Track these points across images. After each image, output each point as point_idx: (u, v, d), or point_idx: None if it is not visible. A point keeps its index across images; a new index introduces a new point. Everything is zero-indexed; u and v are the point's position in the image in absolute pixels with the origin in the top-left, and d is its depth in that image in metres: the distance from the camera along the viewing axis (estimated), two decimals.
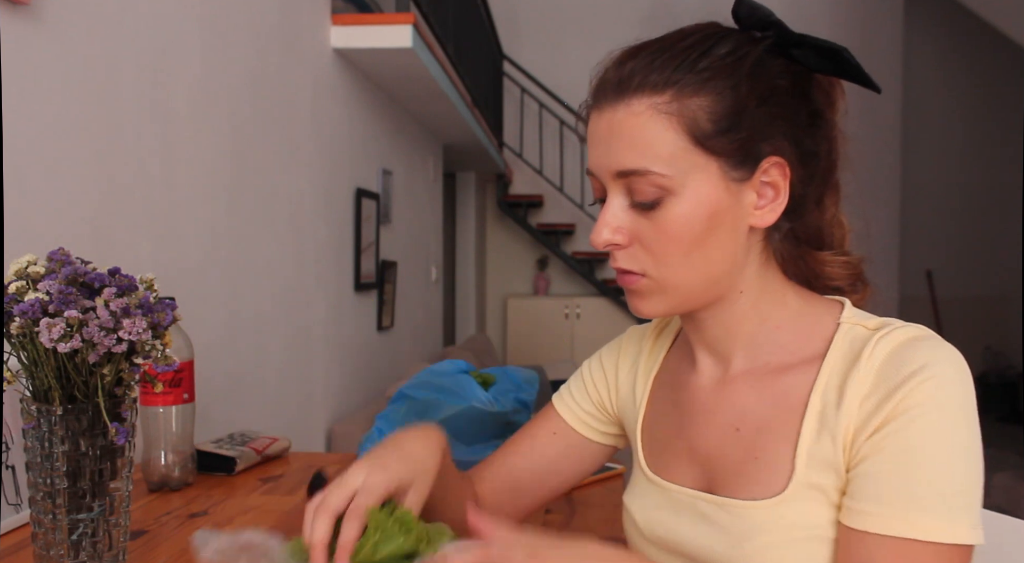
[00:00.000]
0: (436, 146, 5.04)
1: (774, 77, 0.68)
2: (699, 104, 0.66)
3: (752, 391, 0.74)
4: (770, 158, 0.68)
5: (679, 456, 0.78)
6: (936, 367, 0.64)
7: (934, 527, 0.61)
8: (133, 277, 0.85)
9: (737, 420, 0.74)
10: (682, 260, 0.69)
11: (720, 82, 0.67)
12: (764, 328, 0.74)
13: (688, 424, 0.78)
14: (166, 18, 1.75)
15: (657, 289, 0.71)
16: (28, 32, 1.31)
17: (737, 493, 0.71)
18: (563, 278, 7.45)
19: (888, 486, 0.63)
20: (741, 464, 0.72)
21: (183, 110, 1.83)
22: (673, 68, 0.67)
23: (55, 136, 1.39)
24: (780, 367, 0.72)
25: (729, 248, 0.70)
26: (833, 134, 0.73)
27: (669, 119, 0.66)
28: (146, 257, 1.68)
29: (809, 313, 0.73)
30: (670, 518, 0.76)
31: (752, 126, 0.67)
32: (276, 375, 2.44)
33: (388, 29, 2.93)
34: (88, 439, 0.81)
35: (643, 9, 7.20)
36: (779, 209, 0.70)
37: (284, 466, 1.33)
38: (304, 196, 2.67)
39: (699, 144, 0.67)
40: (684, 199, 0.67)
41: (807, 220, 0.74)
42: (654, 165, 0.67)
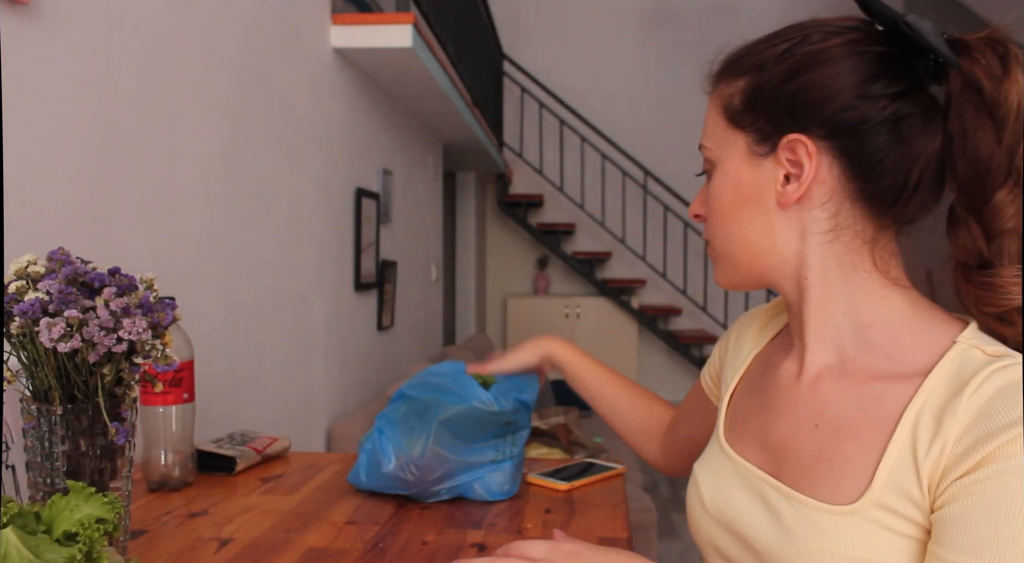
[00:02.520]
0: (436, 146, 5.04)
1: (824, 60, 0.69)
2: (736, 85, 0.74)
3: (838, 389, 0.72)
4: (792, 134, 0.70)
5: (753, 436, 0.79)
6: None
7: None
8: (133, 277, 0.85)
9: (816, 416, 0.72)
10: (720, 229, 0.77)
11: (756, 65, 0.73)
12: (849, 323, 0.72)
13: (769, 408, 0.78)
14: (166, 18, 1.75)
15: (716, 258, 0.79)
16: (28, 32, 1.31)
17: (803, 489, 0.70)
18: (563, 278, 7.45)
19: (977, 535, 0.60)
20: (812, 461, 0.71)
21: (183, 110, 1.83)
22: (737, 59, 0.75)
23: (55, 136, 1.39)
24: (876, 373, 0.70)
25: (760, 223, 0.74)
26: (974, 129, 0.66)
27: (718, 98, 0.76)
28: (146, 257, 1.68)
29: (919, 322, 0.70)
30: (734, 494, 0.77)
31: (776, 102, 0.71)
32: (276, 375, 2.44)
33: (388, 29, 2.93)
34: (88, 439, 0.81)
35: (643, 9, 7.20)
36: (803, 187, 0.70)
37: (284, 466, 1.33)
38: (304, 196, 2.67)
39: (730, 120, 0.75)
40: (720, 171, 0.76)
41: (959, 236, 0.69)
42: (706, 140, 0.78)
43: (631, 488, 2.69)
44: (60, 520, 0.65)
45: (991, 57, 0.66)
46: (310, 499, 1.15)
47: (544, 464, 1.32)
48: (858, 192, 0.70)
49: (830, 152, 0.70)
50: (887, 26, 0.70)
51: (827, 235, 0.72)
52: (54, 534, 0.65)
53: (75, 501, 0.66)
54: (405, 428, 1.10)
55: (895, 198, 0.70)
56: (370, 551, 0.95)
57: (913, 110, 0.69)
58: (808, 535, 0.67)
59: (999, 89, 0.65)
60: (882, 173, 0.69)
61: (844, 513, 0.66)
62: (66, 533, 0.65)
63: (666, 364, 7.23)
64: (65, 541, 0.65)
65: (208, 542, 0.98)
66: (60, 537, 0.65)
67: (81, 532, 0.64)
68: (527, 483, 1.22)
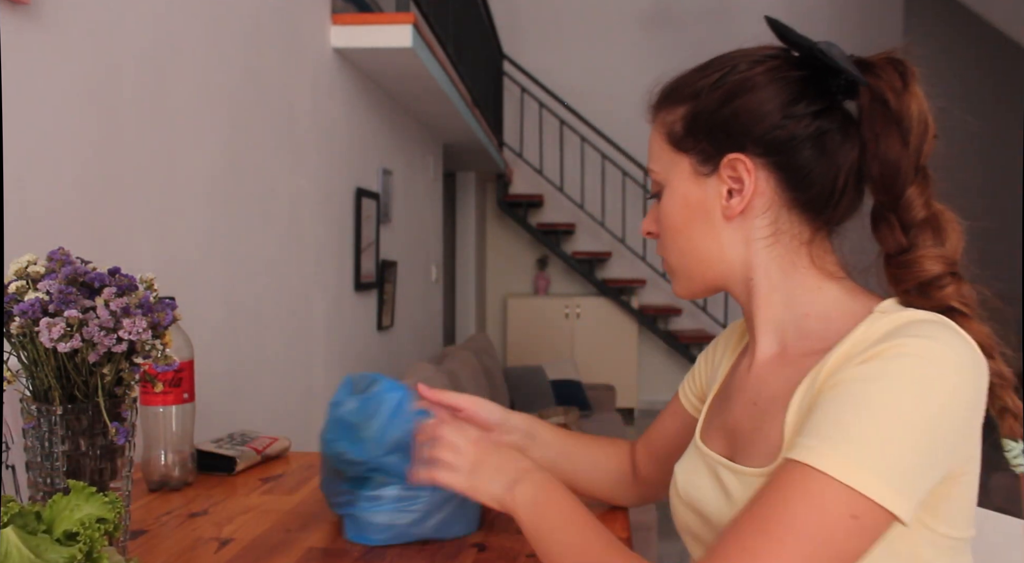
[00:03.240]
0: (436, 146, 5.04)
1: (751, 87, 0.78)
2: (677, 113, 0.82)
3: (775, 370, 0.80)
4: (731, 154, 0.78)
5: (718, 428, 0.87)
6: (926, 341, 0.66)
7: (835, 462, 0.63)
8: (133, 277, 0.85)
9: (755, 395, 0.82)
10: (672, 244, 0.84)
11: (692, 94, 0.81)
12: (789, 314, 0.80)
13: (728, 400, 0.87)
14: (166, 18, 1.76)
15: (672, 272, 0.87)
16: (28, 32, 1.31)
17: (746, 462, 0.78)
18: (563, 278, 7.45)
19: (818, 424, 0.66)
20: (751, 434, 0.80)
21: (183, 110, 1.83)
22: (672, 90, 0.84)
23: (55, 136, 1.39)
24: (807, 352, 0.77)
25: (708, 236, 0.81)
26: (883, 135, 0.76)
27: (660, 126, 0.85)
28: (146, 257, 1.68)
29: (846, 305, 0.78)
30: (699, 479, 0.84)
31: (713, 127, 0.79)
32: (276, 375, 2.44)
33: (388, 29, 2.93)
34: (88, 439, 0.81)
35: (643, 9, 7.20)
36: (745, 201, 0.78)
37: (284, 466, 1.33)
38: (304, 196, 2.67)
39: (673, 145, 0.83)
40: (668, 191, 0.84)
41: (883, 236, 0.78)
42: (652, 164, 0.86)
43: None
44: (61, 520, 0.65)
45: (892, 74, 0.76)
46: (310, 499, 1.15)
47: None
48: (793, 200, 0.78)
49: (766, 167, 0.78)
50: (802, 52, 0.78)
51: (768, 240, 0.80)
52: (54, 534, 0.65)
53: (76, 501, 0.66)
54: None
55: (825, 203, 0.79)
56: (370, 551, 0.95)
57: (832, 125, 0.77)
58: (745, 498, 0.73)
59: (902, 101, 0.75)
60: (812, 182, 0.77)
61: (768, 472, 0.73)
62: (67, 533, 0.65)
63: (666, 364, 7.23)
64: (66, 541, 0.65)
65: (208, 542, 0.98)
66: (61, 537, 0.65)
67: (82, 532, 0.64)
68: None
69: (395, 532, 0.95)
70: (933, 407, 0.64)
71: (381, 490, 0.95)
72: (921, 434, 0.64)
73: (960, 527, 0.72)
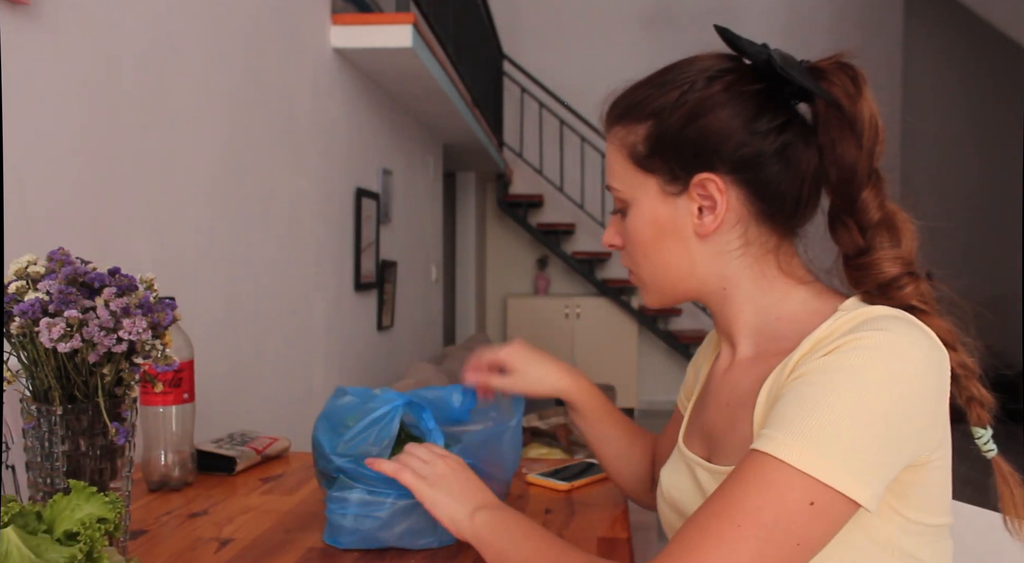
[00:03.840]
0: (436, 146, 5.04)
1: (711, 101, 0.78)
2: (638, 132, 0.82)
3: (747, 372, 0.82)
4: (702, 173, 0.79)
5: (698, 430, 0.89)
6: (885, 333, 0.68)
7: (793, 451, 0.64)
8: (133, 277, 0.85)
9: (728, 396, 0.84)
10: (643, 261, 0.85)
11: (653, 113, 0.81)
12: (762, 319, 0.82)
13: (704, 403, 0.90)
14: (166, 18, 1.76)
15: (641, 284, 0.88)
16: (28, 32, 1.31)
17: (721, 461, 0.81)
18: (563, 278, 7.45)
19: (780, 414, 0.68)
20: (724, 434, 0.82)
21: (183, 110, 1.83)
22: (629, 106, 0.84)
23: (55, 136, 1.39)
24: (776, 352, 0.79)
25: (680, 252, 0.82)
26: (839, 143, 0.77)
27: (620, 147, 0.84)
28: (146, 257, 1.68)
29: (813, 305, 0.80)
30: (680, 480, 0.87)
31: (678, 147, 0.79)
32: (276, 375, 2.44)
33: (388, 29, 2.93)
34: (88, 439, 0.81)
35: (643, 9, 7.20)
36: (719, 218, 0.79)
37: (284, 466, 1.33)
38: (304, 196, 2.67)
39: (638, 165, 0.82)
40: (635, 210, 0.84)
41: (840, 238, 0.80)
42: (614, 182, 0.86)
43: None
44: (61, 519, 0.65)
45: (844, 79, 0.77)
46: (310, 499, 1.15)
47: (544, 464, 1.33)
48: (761, 213, 0.80)
49: (735, 184, 0.79)
50: (755, 62, 0.79)
51: (739, 251, 0.81)
52: (55, 533, 0.65)
53: (76, 500, 0.67)
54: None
55: (791, 211, 0.81)
56: (370, 551, 0.95)
57: (795, 137, 0.79)
58: None
59: (855, 105, 0.77)
60: (779, 194, 0.79)
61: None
62: (67, 532, 0.65)
63: (666, 364, 7.23)
64: (66, 540, 0.65)
65: (208, 542, 0.98)
66: (61, 537, 0.65)
67: (82, 532, 0.64)
68: (527, 483, 1.22)
69: (361, 536, 0.94)
70: (892, 395, 0.66)
71: (346, 492, 0.95)
72: (880, 422, 0.65)
73: (934, 514, 0.74)
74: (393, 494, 0.93)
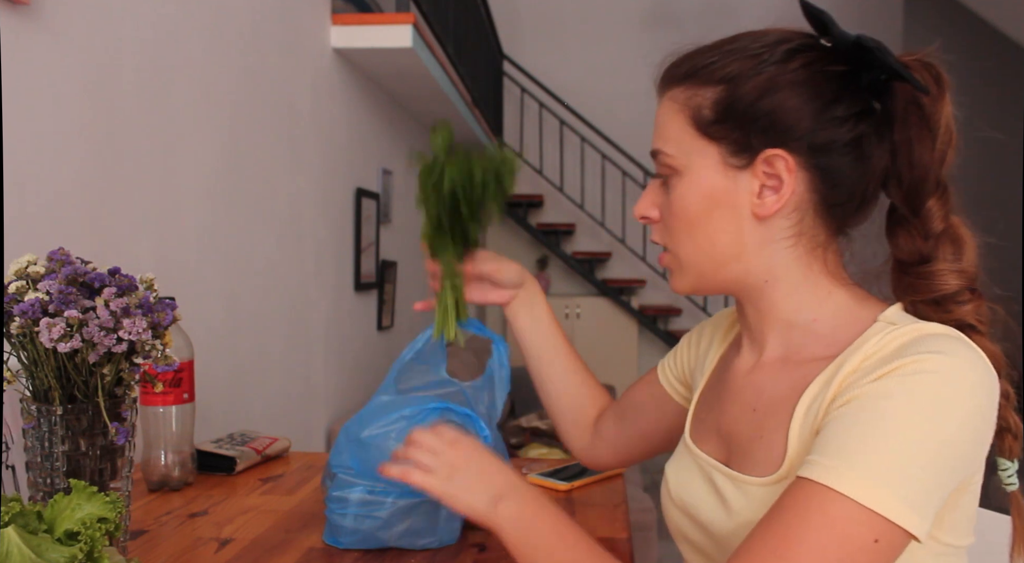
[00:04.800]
0: None
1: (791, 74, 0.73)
2: (706, 94, 0.75)
3: (775, 376, 0.78)
4: (771, 149, 0.73)
5: (708, 430, 0.84)
6: (941, 356, 0.64)
7: (856, 484, 0.61)
8: (133, 277, 0.85)
9: (755, 400, 0.79)
10: (686, 236, 0.77)
11: (726, 77, 0.74)
12: (799, 319, 0.77)
13: (721, 402, 0.84)
14: (166, 18, 1.75)
15: (676, 265, 0.80)
16: (28, 32, 1.31)
17: (744, 469, 0.76)
18: (563, 278, 7.45)
19: (833, 438, 0.65)
20: (749, 442, 0.77)
21: (183, 110, 1.83)
22: (696, 65, 0.76)
23: (55, 136, 1.39)
24: (809, 357, 0.75)
25: (731, 231, 0.75)
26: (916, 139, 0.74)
27: (681, 106, 0.76)
28: (146, 257, 1.68)
29: (854, 311, 0.76)
30: (691, 481, 0.82)
31: (751, 118, 0.73)
32: (276, 375, 2.44)
33: (388, 29, 2.93)
34: (88, 439, 0.81)
35: (643, 9, 7.19)
36: (782, 200, 0.74)
37: (284, 466, 1.33)
38: (304, 196, 2.67)
39: (700, 130, 0.75)
40: (686, 179, 0.76)
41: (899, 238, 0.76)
42: (665, 146, 0.77)
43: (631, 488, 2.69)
44: (62, 519, 0.65)
45: (928, 77, 0.74)
46: (310, 499, 1.15)
47: (544, 464, 1.33)
48: (821, 203, 0.75)
49: (803, 168, 0.74)
50: (846, 48, 0.74)
51: (789, 241, 0.76)
52: (55, 533, 0.65)
53: (77, 500, 0.66)
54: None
55: (852, 209, 0.76)
56: (370, 551, 0.95)
57: (870, 130, 0.74)
58: (746, 508, 0.73)
59: (935, 106, 0.73)
60: (845, 187, 0.75)
61: (772, 482, 0.72)
62: (67, 532, 0.65)
63: None
64: (66, 540, 0.65)
65: (208, 542, 0.98)
66: (61, 536, 0.65)
67: (83, 531, 0.64)
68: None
69: (361, 536, 0.94)
70: (952, 425, 0.63)
71: (346, 492, 0.94)
72: (939, 452, 0.63)
73: (963, 536, 0.72)
74: (393, 494, 0.93)
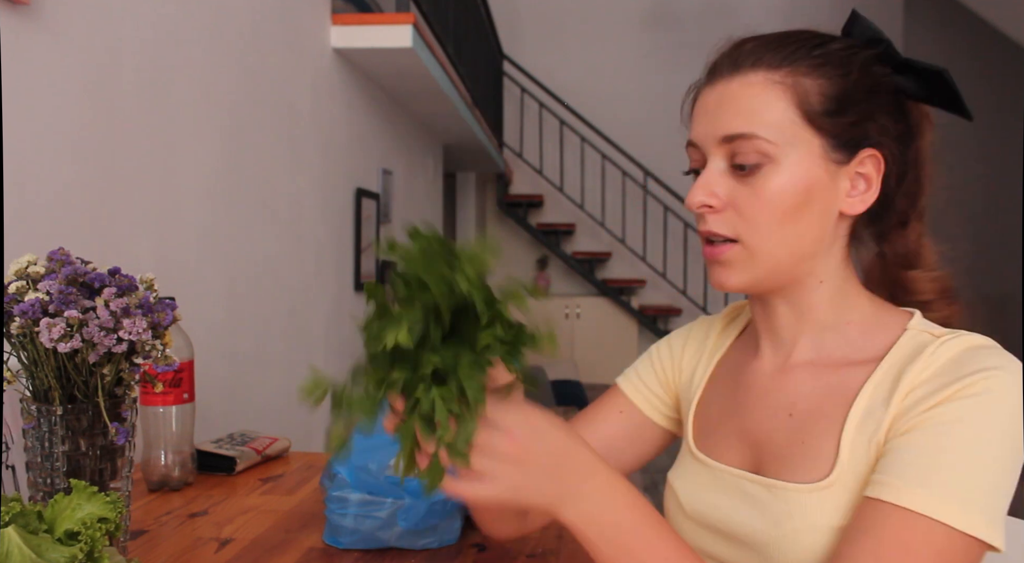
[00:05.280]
0: (436, 146, 5.04)
1: (880, 79, 0.74)
2: (812, 84, 0.71)
3: (810, 379, 0.76)
4: (868, 149, 0.73)
5: (729, 437, 0.80)
6: (999, 373, 0.65)
7: (945, 508, 0.61)
8: (133, 277, 0.85)
9: (790, 405, 0.76)
10: (775, 229, 0.72)
11: (833, 69, 0.72)
12: (836, 322, 0.76)
13: (743, 407, 0.80)
14: (166, 18, 1.75)
15: (746, 258, 0.73)
16: (28, 32, 1.31)
17: (782, 475, 0.73)
18: (563, 278, 7.45)
19: (913, 461, 0.64)
20: (788, 448, 0.74)
21: (183, 110, 1.83)
22: (791, 50, 0.72)
23: (55, 136, 1.39)
24: (843, 362, 0.74)
25: (818, 228, 0.73)
26: (922, 159, 0.77)
27: (784, 91, 0.71)
28: (146, 257, 1.68)
29: (881, 317, 0.76)
30: (713, 496, 0.78)
31: (857, 114, 0.72)
32: (276, 375, 2.44)
33: (388, 29, 2.93)
34: (88, 439, 0.81)
35: (643, 9, 7.20)
36: (869, 200, 0.73)
37: (284, 466, 1.33)
38: (304, 196, 2.67)
39: (807, 119, 0.71)
40: (784, 168, 0.71)
41: (895, 242, 0.78)
42: (761, 130, 0.71)
43: None
44: (62, 519, 0.65)
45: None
46: (310, 499, 1.15)
47: None
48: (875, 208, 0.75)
49: (886, 166, 0.74)
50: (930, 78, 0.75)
51: (845, 240, 0.76)
52: (56, 533, 0.65)
53: (77, 500, 0.66)
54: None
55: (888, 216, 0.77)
56: (370, 551, 0.95)
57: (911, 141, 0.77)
58: (791, 516, 0.70)
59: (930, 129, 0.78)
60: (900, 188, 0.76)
61: (821, 488, 0.70)
62: (68, 532, 0.65)
63: None
64: (67, 540, 0.65)
65: (208, 542, 0.98)
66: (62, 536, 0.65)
67: (83, 531, 0.64)
68: None
69: (361, 536, 0.94)
70: (1020, 437, 0.65)
71: (346, 492, 0.95)
72: (1013, 467, 0.64)
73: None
74: (393, 494, 0.93)
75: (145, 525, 1.04)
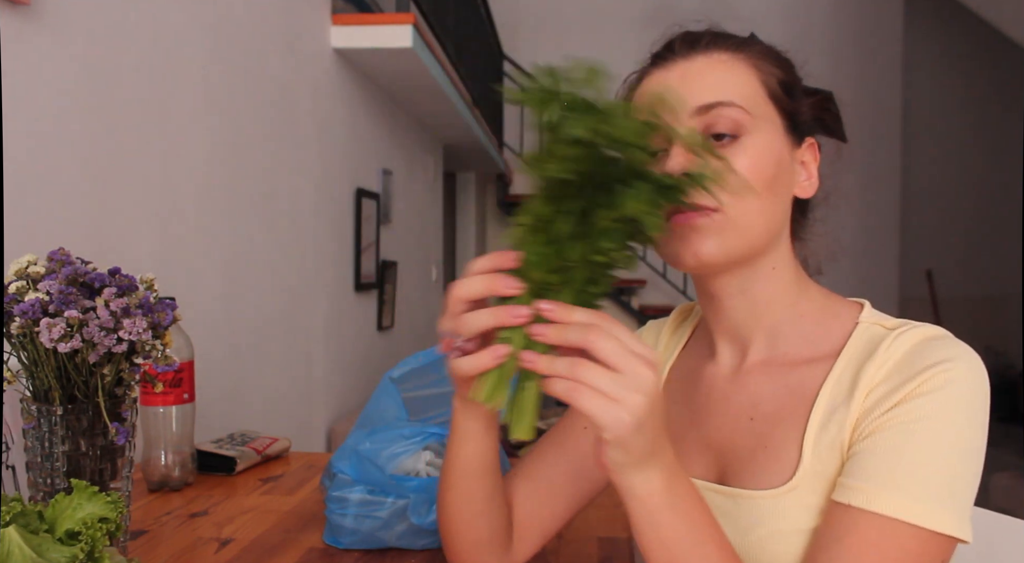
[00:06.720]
0: (436, 146, 5.04)
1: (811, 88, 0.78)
2: (769, 68, 0.74)
3: (768, 381, 0.75)
4: (811, 138, 0.76)
5: (690, 448, 0.78)
6: (954, 364, 0.66)
7: (917, 509, 0.62)
8: (133, 277, 0.85)
9: (751, 408, 0.75)
10: (757, 198, 0.70)
11: (776, 59, 0.76)
12: (790, 315, 0.75)
13: (702, 415, 0.79)
14: (166, 18, 1.76)
15: (724, 226, 0.70)
16: (28, 32, 1.31)
17: (747, 483, 0.72)
18: None
19: (880, 464, 0.64)
20: (752, 453, 0.73)
21: (183, 110, 1.83)
22: (739, 41, 0.76)
23: (55, 136, 1.39)
24: (798, 359, 0.74)
25: (784, 206, 0.74)
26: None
27: (748, 68, 0.73)
28: (146, 257, 1.68)
29: (831, 308, 0.76)
30: None
31: (800, 104, 0.75)
32: (276, 375, 2.44)
33: (388, 29, 2.93)
34: (88, 439, 0.81)
35: (643, 9, 7.19)
36: (814, 188, 0.76)
37: (284, 466, 1.33)
38: (304, 196, 2.67)
39: (771, 97, 0.73)
40: (759, 138, 0.71)
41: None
42: (735, 97, 0.71)
43: None
44: (63, 519, 0.65)
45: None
46: (310, 499, 1.15)
47: None
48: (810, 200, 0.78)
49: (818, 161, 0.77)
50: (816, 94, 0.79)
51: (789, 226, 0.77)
52: (56, 533, 0.65)
53: (78, 500, 0.66)
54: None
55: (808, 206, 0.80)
56: (370, 551, 0.95)
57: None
58: (758, 523, 0.70)
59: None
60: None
61: (785, 492, 0.69)
62: (68, 532, 0.65)
63: None
64: (67, 540, 0.65)
65: (208, 542, 0.98)
66: (62, 536, 0.65)
67: (84, 531, 0.64)
68: None
69: (361, 536, 0.94)
70: (982, 428, 0.66)
71: (346, 492, 0.95)
72: (976, 458, 0.65)
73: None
74: (393, 494, 0.93)
75: (145, 525, 1.04)
